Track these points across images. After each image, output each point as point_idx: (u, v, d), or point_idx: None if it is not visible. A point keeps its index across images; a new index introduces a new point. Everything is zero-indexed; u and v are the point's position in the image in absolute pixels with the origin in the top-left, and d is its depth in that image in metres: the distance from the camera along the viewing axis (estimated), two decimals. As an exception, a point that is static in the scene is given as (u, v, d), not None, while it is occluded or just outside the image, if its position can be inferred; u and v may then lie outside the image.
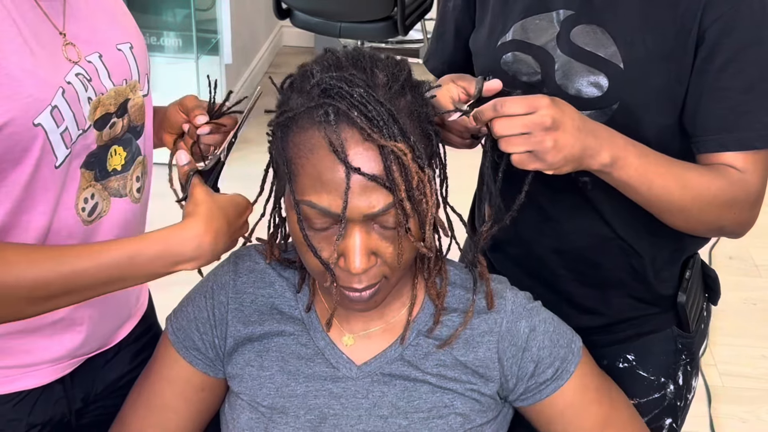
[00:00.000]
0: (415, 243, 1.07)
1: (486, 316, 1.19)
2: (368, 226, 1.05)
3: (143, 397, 1.26)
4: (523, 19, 1.32)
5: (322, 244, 1.07)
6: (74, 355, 1.27)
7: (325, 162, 1.03)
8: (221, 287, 1.24)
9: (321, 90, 1.04)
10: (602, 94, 1.26)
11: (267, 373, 1.21)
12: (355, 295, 1.09)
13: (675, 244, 1.38)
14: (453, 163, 1.28)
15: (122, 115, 1.22)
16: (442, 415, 1.18)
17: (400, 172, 1.02)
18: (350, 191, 1.02)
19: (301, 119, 1.05)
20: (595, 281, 1.40)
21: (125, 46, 1.24)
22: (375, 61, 1.08)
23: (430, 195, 1.05)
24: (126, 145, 1.23)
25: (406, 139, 1.03)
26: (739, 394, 2.68)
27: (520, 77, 1.32)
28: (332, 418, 1.18)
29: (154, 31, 3.87)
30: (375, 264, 1.07)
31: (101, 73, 1.18)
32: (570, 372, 1.20)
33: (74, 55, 1.15)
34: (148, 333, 1.42)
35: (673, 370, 1.43)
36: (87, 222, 1.19)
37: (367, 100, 1.02)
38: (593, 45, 1.26)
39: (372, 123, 1.01)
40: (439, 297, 1.19)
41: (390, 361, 1.19)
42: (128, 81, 1.23)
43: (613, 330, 1.43)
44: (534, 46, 1.30)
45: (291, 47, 5.17)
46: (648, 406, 1.43)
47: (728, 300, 1.56)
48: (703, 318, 1.48)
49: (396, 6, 3.88)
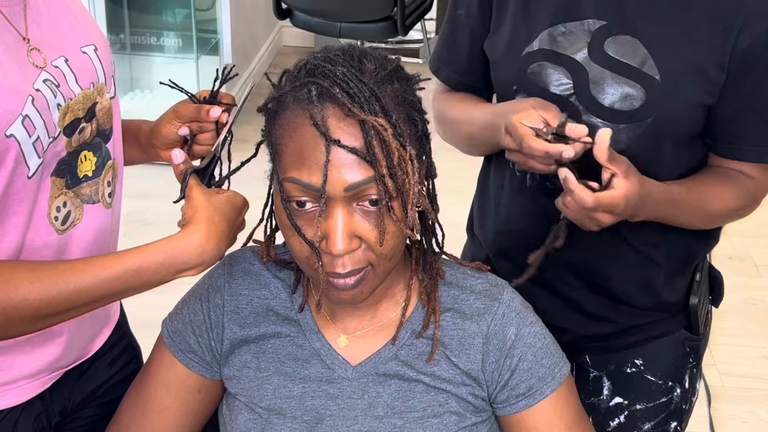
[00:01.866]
0: (397, 222, 1.07)
1: (478, 318, 1.19)
2: (350, 207, 1.06)
3: (139, 400, 1.26)
4: (550, 28, 1.29)
5: (305, 226, 1.07)
6: (54, 368, 1.25)
7: (308, 138, 1.04)
8: (216, 290, 1.24)
9: (306, 71, 1.08)
10: (639, 106, 1.24)
11: (264, 375, 1.21)
12: (340, 282, 1.09)
13: (685, 251, 1.40)
14: (451, 165, 1.28)
15: (91, 120, 1.19)
16: (437, 414, 1.18)
17: (381, 147, 1.03)
18: (330, 165, 1.03)
19: (286, 100, 1.08)
20: (606, 292, 1.39)
21: (89, 48, 1.21)
22: (365, 53, 1.11)
23: (411, 173, 1.05)
24: (96, 149, 1.21)
25: (387, 117, 1.04)
26: (739, 394, 2.67)
27: (549, 88, 1.29)
28: (329, 419, 1.18)
29: (154, 31, 3.88)
30: (358, 248, 1.07)
31: (68, 77, 1.16)
32: (544, 394, 1.18)
33: (40, 61, 1.12)
34: (122, 341, 1.41)
35: (681, 374, 1.42)
36: (61, 231, 1.17)
37: (349, 78, 1.05)
38: (629, 56, 1.24)
39: (353, 99, 1.04)
40: (430, 298, 1.19)
41: (384, 360, 1.19)
42: (95, 84, 1.20)
43: (623, 336, 1.42)
44: (564, 56, 1.27)
45: (291, 47, 5.17)
46: (655, 411, 1.42)
47: (728, 300, 1.56)
48: (709, 320, 1.48)
49: (396, 6, 3.88)
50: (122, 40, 3.89)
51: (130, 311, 1.48)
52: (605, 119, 1.25)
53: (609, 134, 1.14)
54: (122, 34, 3.88)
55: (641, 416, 1.43)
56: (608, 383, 1.43)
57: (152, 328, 1.38)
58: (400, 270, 1.20)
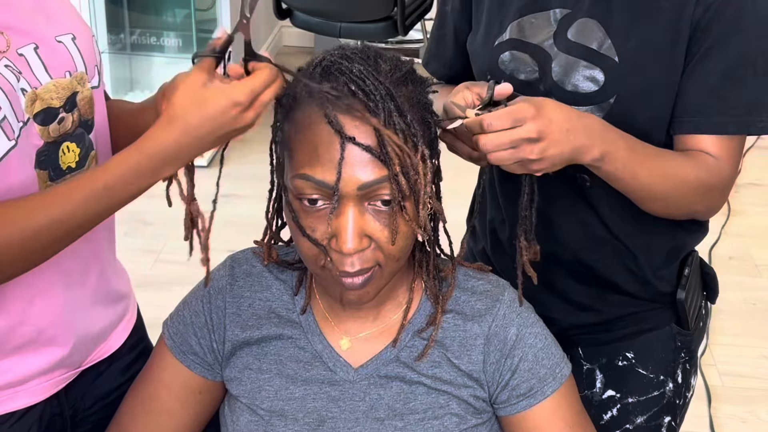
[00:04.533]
0: (409, 222, 1.07)
1: (479, 319, 1.19)
2: (362, 206, 1.06)
3: (140, 402, 1.26)
4: (519, 18, 1.33)
5: (315, 224, 1.07)
6: (64, 366, 1.24)
7: (322, 135, 1.04)
8: (218, 291, 1.24)
9: (322, 68, 1.07)
10: (599, 88, 1.26)
11: (265, 377, 1.21)
12: (348, 281, 1.09)
13: (671, 243, 1.39)
14: (451, 164, 1.28)
15: (71, 110, 1.17)
16: (438, 416, 1.18)
17: (395, 147, 1.03)
18: (344, 162, 1.03)
19: (301, 97, 1.07)
20: (592, 280, 1.40)
21: (66, 37, 1.18)
22: (380, 53, 1.11)
23: (423, 174, 1.06)
24: (78, 140, 1.19)
25: (402, 117, 1.04)
26: (739, 394, 2.67)
27: (517, 75, 1.32)
28: (330, 421, 1.18)
29: (154, 31, 3.88)
30: (368, 247, 1.07)
31: (34, 65, 1.12)
32: (545, 394, 1.18)
33: (2, 45, 1.09)
34: (138, 345, 1.40)
35: (672, 368, 1.43)
36: None
37: (365, 75, 1.04)
38: (588, 39, 1.27)
39: (369, 97, 1.03)
40: (442, 299, 1.19)
41: (386, 362, 1.19)
42: (72, 73, 1.18)
43: (613, 327, 1.43)
44: (531, 44, 1.31)
45: (291, 47, 5.17)
46: (647, 404, 1.43)
47: (728, 300, 1.57)
48: (701, 316, 1.48)
49: (396, 6, 3.88)
50: (122, 40, 3.89)
51: (130, 312, 1.49)
52: (569, 102, 1.26)
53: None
54: (122, 34, 3.88)
55: (633, 410, 1.44)
56: (601, 376, 1.44)
57: (153, 328, 1.38)
58: (404, 272, 1.20)
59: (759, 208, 3.66)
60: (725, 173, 1.26)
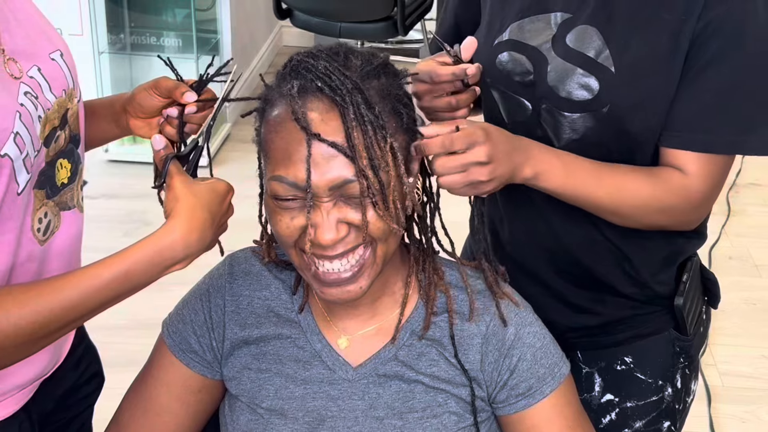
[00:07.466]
0: (380, 212, 1.07)
1: (477, 318, 1.19)
2: (336, 199, 1.06)
3: (139, 400, 1.26)
4: (520, 20, 1.32)
5: (294, 216, 1.08)
6: (39, 377, 1.23)
7: (292, 134, 1.05)
8: (217, 290, 1.24)
9: (291, 68, 1.09)
10: (593, 97, 1.26)
11: (265, 376, 1.21)
12: (333, 278, 1.09)
13: (668, 247, 1.38)
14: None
15: (64, 127, 1.17)
16: (437, 414, 1.18)
17: (363, 140, 1.04)
18: (312, 159, 1.04)
19: (272, 98, 1.09)
20: (588, 283, 1.40)
21: (56, 54, 1.17)
22: (352, 50, 1.12)
23: (392, 165, 1.06)
24: (69, 156, 1.19)
25: (370, 109, 1.04)
26: (739, 394, 2.67)
27: (513, 77, 1.32)
28: (330, 420, 1.18)
29: (154, 31, 3.88)
30: (347, 233, 1.08)
31: (43, 87, 1.12)
32: (544, 394, 1.18)
33: (16, 71, 1.08)
34: (81, 343, 1.38)
35: (671, 373, 1.43)
36: (42, 241, 1.15)
37: (331, 71, 1.06)
38: (586, 46, 1.26)
39: (335, 92, 1.04)
40: (429, 300, 1.19)
41: (384, 361, 1.19)
42: (66, 91, 1.17)
43: (611, 331, 1.42)
44: (529, 46, 1.31)
45: (291, 47, 5.17)
46: (646, 409, 1.42)
47: (728, 300, 1.56)
48: (702, 321, 1.47)
49: (396, 6, 3.89)
50: (122, 40, 3.89)
51: (130, 312, 1.48)
52: (562, 109, 1.26)
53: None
54: (122, 34, 3.88)
55: (632, 414, 1.43)
56: (599, 380, 1.44)
57: (152, 328, 1.38)
58: (399, 267, 1.20)
59: (759, 208, 3.66)
60: (693, 192, 1.24)
